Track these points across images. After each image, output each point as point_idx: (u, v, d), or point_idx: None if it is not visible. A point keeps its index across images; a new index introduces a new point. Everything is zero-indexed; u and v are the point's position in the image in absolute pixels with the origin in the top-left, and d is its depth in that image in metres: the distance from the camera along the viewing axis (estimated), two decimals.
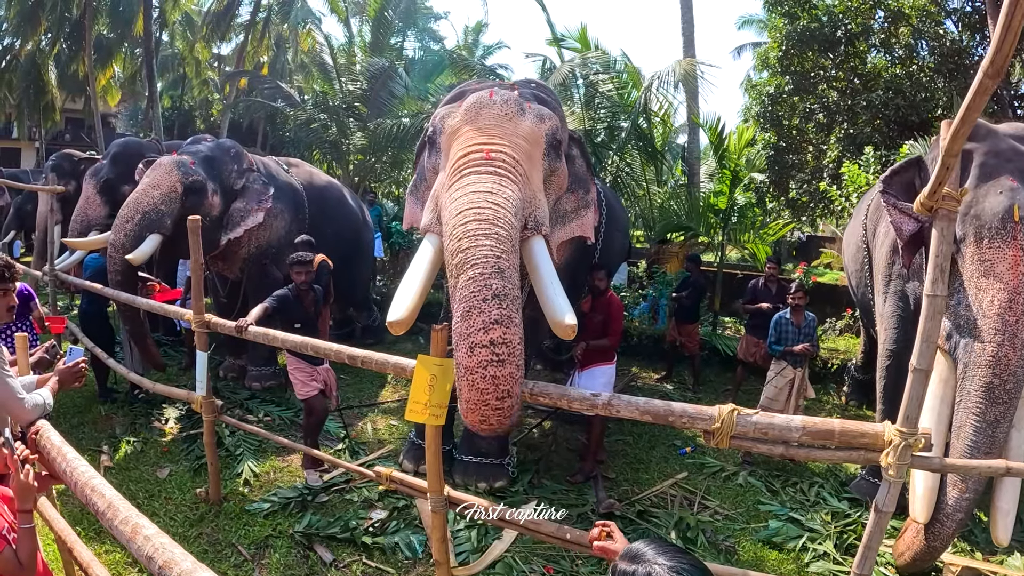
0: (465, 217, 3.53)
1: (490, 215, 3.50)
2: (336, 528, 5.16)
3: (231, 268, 8.43)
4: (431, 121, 4.81)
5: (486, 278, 3.27)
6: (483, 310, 3.21)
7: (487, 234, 3.40)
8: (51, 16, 25.39)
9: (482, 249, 3.36)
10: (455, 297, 3.41)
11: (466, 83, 5.42)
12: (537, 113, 4.44)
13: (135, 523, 2.29)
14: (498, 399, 3.18)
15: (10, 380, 3.21)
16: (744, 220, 12.39)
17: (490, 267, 3.31)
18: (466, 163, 3.94)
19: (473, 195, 3.64)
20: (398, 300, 3.77)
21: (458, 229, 3.50)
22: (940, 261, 2.71)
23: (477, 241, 3.39)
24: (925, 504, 4.07)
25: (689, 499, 6.05)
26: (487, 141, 4.08)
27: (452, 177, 3.94)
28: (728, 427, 2.93)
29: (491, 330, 3.19)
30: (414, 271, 3.99)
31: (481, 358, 3.18)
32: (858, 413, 8.62)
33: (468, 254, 3.36)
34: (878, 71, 16.34)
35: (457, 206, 3.64)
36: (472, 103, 4.38)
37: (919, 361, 2.77)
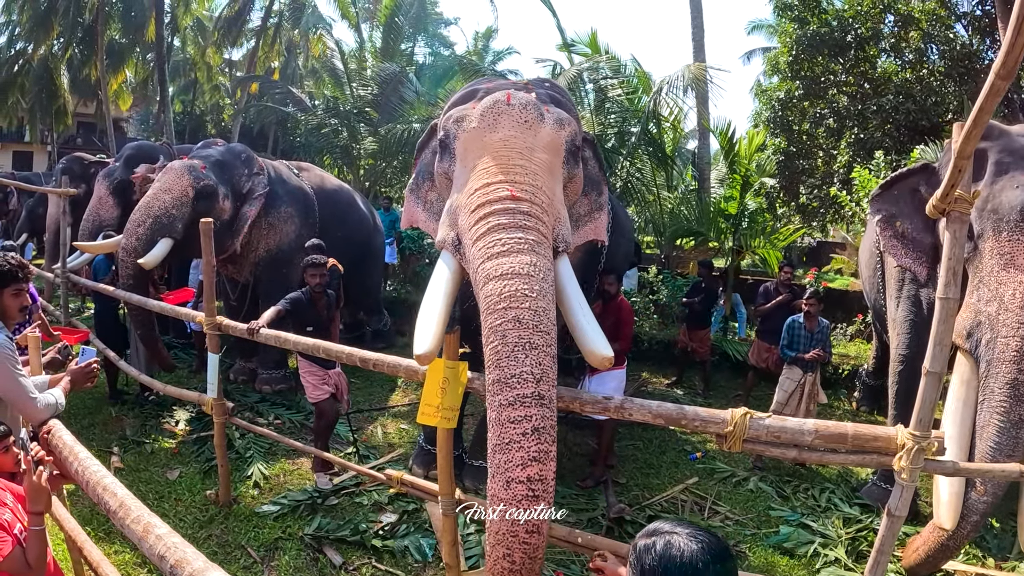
0: (504, 316, 3.24)
1: (531, 321, 3.22)
2: (346, 531, 5.16)
3: (241, 271, 8.46)
4: (442, 123, 4.61)
5: (527, 407, 3.05)
6: (522, 445, 3.01)
7: (527, 351, 3.14)
8: (63, 21, 25.58)
9: (523, 370, 3.11)
10: (491, 403, 3.20)
11: (476, 81, 5.35)
12: (556, 119, 4.29)
13: (147, 522, 2.29)
14: (527, 532, 2.99)
15: (22, 380, 3.23)
16: (755, 225, 12.35)
17: (530, 395, 3.08)
18: (492, 210, 3.66)
19: (509, 284, 3.33)
20: (421, 331, 3.59)
21: (496, 336, 3.22)
22: (953, 264, 2.69)
23: (517, 359, 3.13)
24: (952, 510, 3.90)
25: (700, 504, 6.03)
26: (509, 168, 3.86)
27: (478, 222, 3.66)
28: (741, 430, 2.91)
29: (529, 467, 3.01)
30: (433, 297, 3.82)
31: (516, 492, 3.01)
32: (869, 419, 8.56)
33: (507, 374, 3.12)
34: (888, 75, 16.31)
35: (493, 289, 3.35)
36: (489, 107, 4.21)
37: (932, 364, 2.75)
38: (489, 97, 4.31)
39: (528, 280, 3.30)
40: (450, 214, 4.06)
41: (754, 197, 12.27)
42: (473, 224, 3.67)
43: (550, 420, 3.06)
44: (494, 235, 3.52)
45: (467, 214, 3.76)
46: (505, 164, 3.87)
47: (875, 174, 12.08)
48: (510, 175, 3.79)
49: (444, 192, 4.65)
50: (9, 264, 3.32)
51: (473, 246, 3.59)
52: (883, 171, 12.30)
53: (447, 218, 4.09)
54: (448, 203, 4.21)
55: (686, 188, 16.38)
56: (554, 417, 3.09)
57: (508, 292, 3.26)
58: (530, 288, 3.28)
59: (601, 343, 3.56)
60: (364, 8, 26.79)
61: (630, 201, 12.87)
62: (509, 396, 3.07)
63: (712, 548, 1.58)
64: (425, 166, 5.26)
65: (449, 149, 4.42)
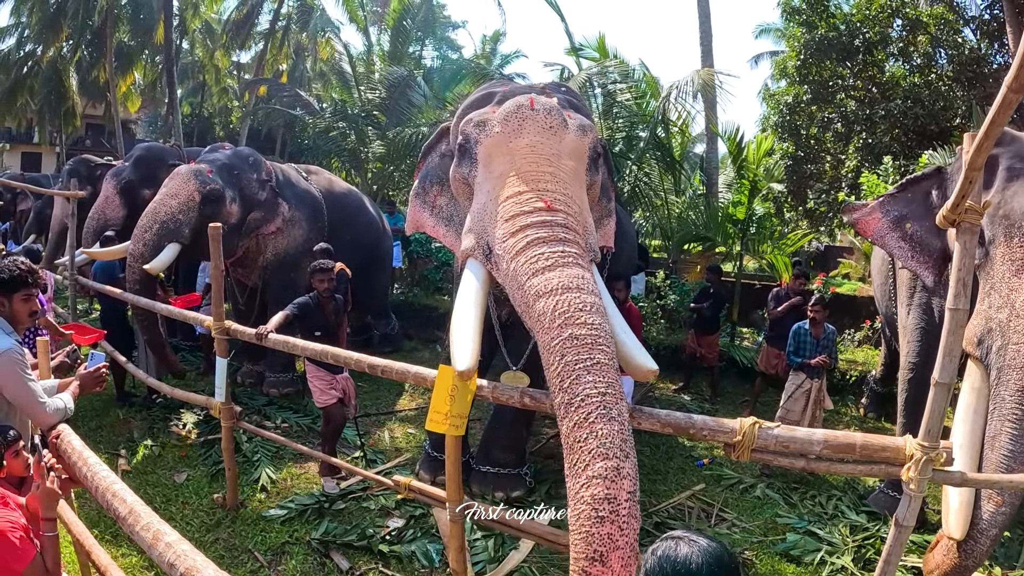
0: (561, 334, 3.11)
1: (588, 338, 3.09)
2: (353, 536, 5.16)
3: (249, 275, 8.48)
4: (460, 126, 4.48)
5: (592, 425, 2.89)
6: (588, 464, 2.82)
7: (589, 368, 3.01)
8: (72, 23, 25.69)
9: (586, 388, 2.96)
10: (560, 425, 3.03)
11: (489, 84, 5.29)
12: (579, 125, 4.24)
13: (156, 529, 2.30)
14: (588, 559, 2.73)
15: (31, 384, 3.24)
16: (763, 230, 12.33)
17: (595, 411, 2.92)
18: (529, 222, 3.57)
19: (561, 299, 3.21)
20: (459, 348, 3.47)
21: (556, 357, 3.09)
22: (963, 275, 2.69)
23: (580, 378, 2.99)
24: (960, 520, 3.82)
25: (707, 511, 6.01)
26: (539, 176, 3.79)
27: (515, 234, 3.57)
28: (749, 440, 2.91)
29: (593, 486, 2.80)
30: (465, 310, 3.73)
31: (582, 513, 2.77)
32: (876, 425, 8.55)
33: (572, 394, 2.97)
34: (896, 80, 16.30)
35: (545, 306, 3.23)
36: (512, 111, 4.13)
37: (941, 375, 2.74)
38: (511, 101, 4.23)
39: (579, 294, 3.22)
40: (477, 222, 3.98)
41: (762, 202, 12.25)
42: (509, 235, 3.58)
43: (619, 435, 2.91)
44: (535, 249, 3.43)
45: (501, 223, 3.68)
46: (534, 172, 3.81)
47: (884, 179, 12.07)
48: (541, 184, 3.73)
49: (460, 198, 4.60)
50: (19, 269, 3.33)
51: (513, 260, 3.49)
52: (892, 176, 12.29)
53: (473, 226, 4.01)
54: (473, 210, 4.13)
55: (694, 193, 16.36)
56: (626, 431, 2.97)
57: (561, 308, 3.16)
58: (582, 302, 3.19)
59: (643, 356, 3.50)
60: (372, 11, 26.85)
61: (638, 206, 12.85)
62: (575, 417, 2.92)
63: (714, 554, 1.58)
64: (432, 170, 5.21)
65: (470, 154, 4.32)
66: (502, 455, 6.04)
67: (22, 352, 3.28)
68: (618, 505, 2.74)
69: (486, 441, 6.24)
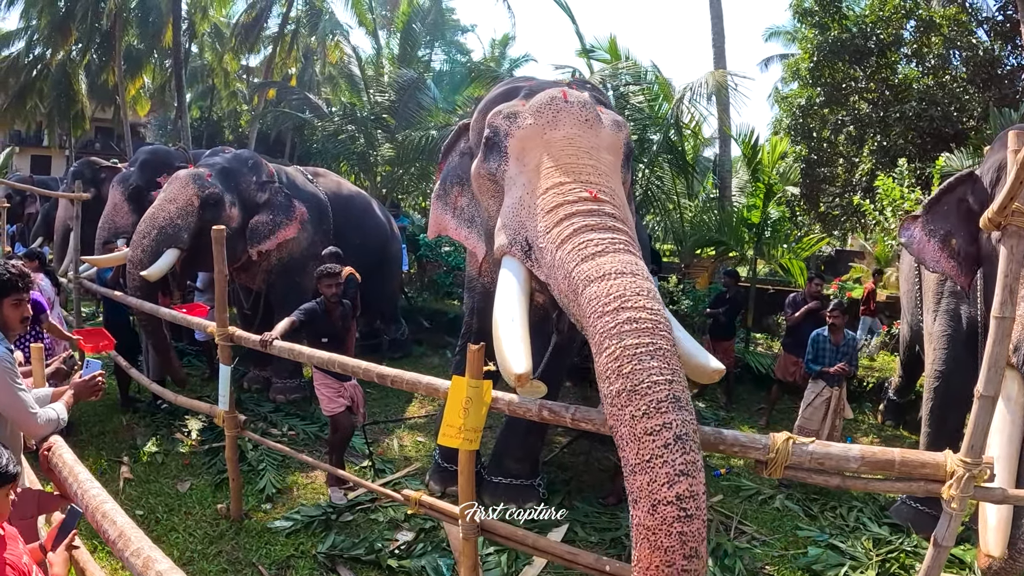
0: (617, 317, 2.93)
1: (649, 323, 2.90)
2: (361, 549, 5.01)
3: (253, 279, 8.36)
4: (488, 119, 4.32)
5: (663, 414, 2.69)
6: (665, 459, 2.64)
7: (652, 353, 2.81)
8: (81, 27, 25.72)
9: (652, 374, 2.77)
10: (619, 416, 2.81)
11: (513, 79, 5.14)
12: (614, 120, 4.10)
13: (147, 556, 2.15)
14: (685, 558, 2.62)
15: (22, 394, 3.09)
16: (777, 234, 12.17)
17: (666, 399, 2.72)
18: (574, 211, 3.43)
19: (616, 283, 3.04)
20: (511, 350, 3.30)
21: (613, 340, 2.89)
22: (1009, 281, 2.53)
23: (643, 363, 2.79)
24: (1000, 537, 3.56)
25: (725, 524, 5.84)
26: (579, 168, 3.64)
27: (560, 223, 3.42)
28: (783, 457, 2.76)
29: (677, 483, 2.63)
30: (509, 310, 3.55)
31: (666, 515, 2.63)
32: (895, 434, 8.39)
33: (635, 380, 2.77)
34: (910, 82, 16.14)
35: (597, 290, 3.05)
36: (546, 103, 3.98)
37: (986, 387, 2.59)
38: (543, 93, 4.09)
39: (635, 279, 3.05)
40: (512, 217, 3.83)
41: (776, 206, 12.08)
42: (553, 226, 3.42)
43: (692, 425, 2.73)
44: (584, 236, 3.27)
45: (542, 215, 3.53)
46: (574, 163, 3.66)
47: (899, 182, 11.88)
48: (583, 175, 3.58)
49: (484, 195, 4.44)
50: (9, 274, 3.19)
51: (559, 249, 3.32)
52: (907, 179, 12.10)
53: (508, 221, 3.85)
54: (506, 205, 3.98)
55: (707, 196, 16.22)
56: (694, 420, 2.78)
57: (616, 292, 2.98)
58: (639, 287, 3.01)
59: (705, 355, 3.34)
60: (381, 15, 26.84)
61: (650, 209, 12.71)
62: (641, 405, 2.72)
63: None
64: (452, 170, 5.08)
65: (498, 148, 4.16)
66: (515, 466, 5.89)
67: (12, 360, 3.13)
68: (700, 500, 2.64)
69: (499, 451, 6.10)
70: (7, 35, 29.29)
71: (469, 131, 4.97)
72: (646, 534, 2.65)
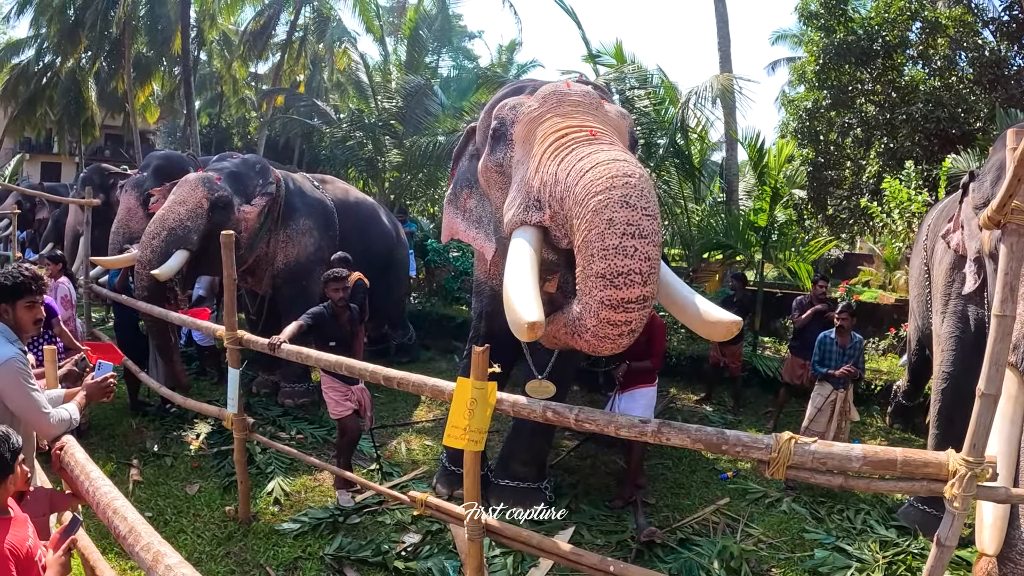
0: (610, 197, 3.11)
1: (639, 203, 3.10)
2: (368, 551, 5.03)
3: (260, 283, 8.42)
4: (494, 112, 4.41)
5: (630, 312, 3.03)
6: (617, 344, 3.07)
7: (635, 236, 3.06)
8: (91, 34, 25.90)
9: (631, 262, 3.03)
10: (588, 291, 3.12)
11: (519, 80, 5.22)
12: (617, 110, 4.20)
13: (157, 551, 2.19)
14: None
15: (35, 394, 3.14)
16: (784, 238, 12.15)
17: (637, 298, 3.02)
18: (570, 140, 3.56)
19: (604, 162, 3.22)
20: (522, 302, 3.29)
21: (600, 207, 3.09)
22: (1010, 279, 2.53)
23: (625, 248, 3.04)
24: (995, 535, 3.61)
25: (732, 526, 5.83)
26: (583, 124, 3.73)
27: (556, 152, 3.56)
28: (785, 457, 2.76)
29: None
30: (519, 269, 3.52)
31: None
32: (903, 436, 8.35)
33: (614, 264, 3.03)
34: (916, 83, 16.13)
35: (591, 177, 3.21)
36: (551, 91, 4.06)
37: (987, 386, 2.59)
38: (547, 85, 4.19)
39: (627, 164, 3.18)
40: (522, 189, 3.86)
41: (783, 209, 12.07)
42: (557, 158, 3.55)
43: (646, 318, 3.08)
44: (579, 149, 3.44)
45: (548, 162, 3.61)
46: (579, 119, 3.79)
47: (906, 184, 11.87)
48: (586, 122, 3.72)
49: (492, 189, 4.49)
50: (23, 276, 3.24)
51: (558, 168, 3.48)
52: (914, 181, 12.09)
53: (518, 196, 3.88)
54: (513, 184, 4.03)
55: (714, 200, 16.20)
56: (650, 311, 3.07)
57: (609, 173, 3.12)
58: (631, 170, 3.14)
59: (719, 310, 3.33)
60: (388, 21, 26.93)
61: None
62: (613, 298, 2.94)
63: None
64: (462, 174, 5.13)
65: (505, 136, 4.24)
66: (521, 469, 5.90)
67: (26, 361, 3.18)
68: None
69: (505, 454, 6.11)
70: (17, 43, 29.56)
71: (476, 134, 5.03)
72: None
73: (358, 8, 26.04)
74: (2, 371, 3.07)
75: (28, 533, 2.58)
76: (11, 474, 2.54)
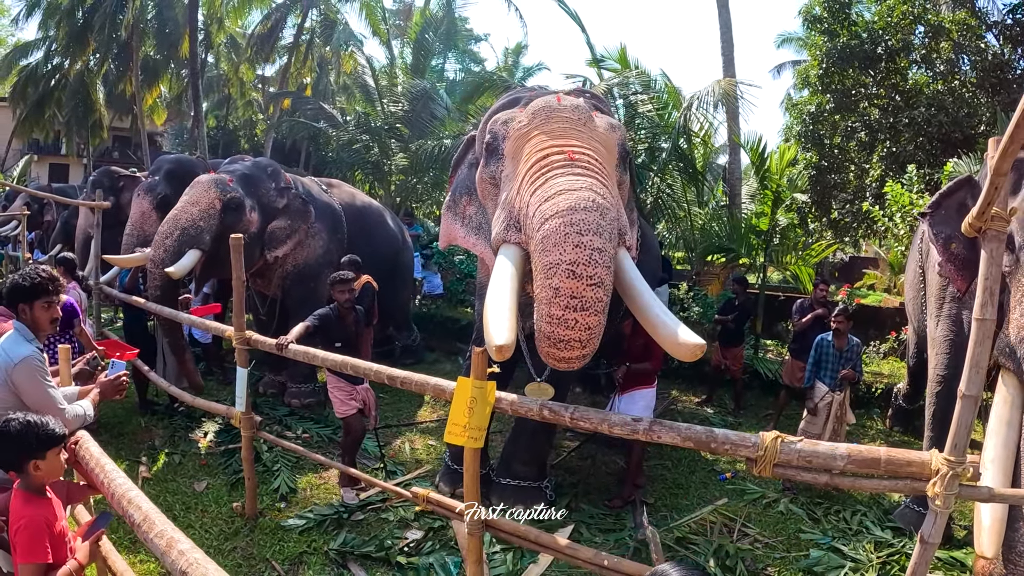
0: (561, 216, 3.39)
1: (594, 215, 3.40)
2: (371, 547, 5.13)
3: (269, 285, 8.52)
4: (488, 127, 4.55)
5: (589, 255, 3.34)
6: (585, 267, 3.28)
7: (595, 230, 3.34)
8: (99, 37, 26.05)
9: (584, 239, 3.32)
10: (541, 289, 3.39)
11: (516, 90, 5.31)
12: (608, 123, 4.27)
13: (170, 537, 2.29)
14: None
15: (52, 391, 3.26)
16: (786, 241, 12.21)
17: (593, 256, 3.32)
18: (548, 164, 3.73)
19: (568, 193, 3.45)
20: (495, 324, 3.47)
21: (552, 226, 3.38)
22: (990, 284, 2.61)
23: (583, 240, 3.34)
24: (993, 537, 3.58)
25: (729, 526, 5.92)
26: (565, 144, 3.88)
27: (534, 178, 3.73)
28: (771, 455, 2.85)
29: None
30: (499, 290, 3.70)
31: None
32: (902, 439, 8.41)
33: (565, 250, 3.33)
34: (919, 87, 16.13)
35: (551, 205, 3.46)
36: (541, 107, 4.17)
37: (968, 387, 2.67)
38: (538, 99, 4.29)
39: (589, 191, 3.49)
40: (506, 206, 4.01)
41: (785, 213, 12.11)
42: (533, 186, 3.70)
43: (608, 291, 3.36)
44: (553, 179, 3.57)
45: (526, 187, 3.77)
46: (561, 139, 3.91)
47: (908, 188, 11.92)
48: (568, 147, 3.82)
49: (488, 200, 4.60)
50: (40, 277, 3.36)
51: (530, 202, 3.64)
52: (916, 185, 12.14)
53: (502, 213, 4.03)
54: (501, 200, 4.16)
55: (716, 204, 16.26)
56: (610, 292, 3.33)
57: (567, 191, 3.44)
58: (590, 190, 3.47)
59: (687, 332, 3.43)
60: (395, 25, 27.06)
61: (660, 217, 12.78)
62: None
63: None
64: (461, 181, 5.22)
65: (497, 151, 4.36)
66: (522, 468, 5.99)
67: (43, 359, 3.31)
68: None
69: (507, 454, 6.20)
70: (26, 45, 29.78)
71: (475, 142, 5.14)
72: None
73: (364, 12, 26.19)
74: (20, 368, 3.20)
75: (62, 515, 2.75)
76: (38, 458, 2.69)
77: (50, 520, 2.68)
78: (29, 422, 2.72)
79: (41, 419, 2.76)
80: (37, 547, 2.59)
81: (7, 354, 3.24)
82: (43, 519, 2.65)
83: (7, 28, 33.47)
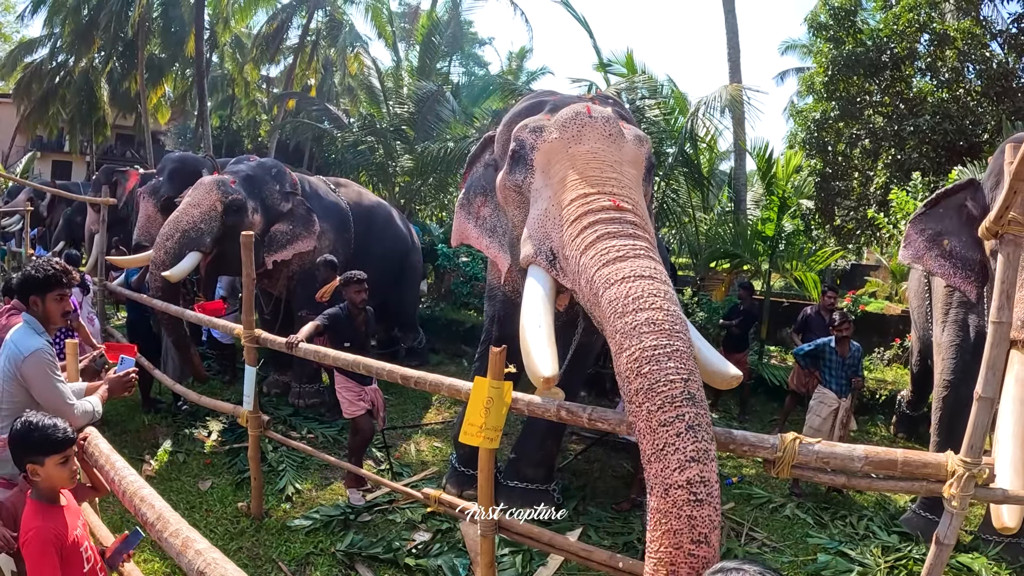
0: (636, 319, 3.06)
1: (666, 324, 3.04)
2: (379, 548, 5.11)
3: (275, 285, 8.50)
4: (514, 133, 4.48)
5: (677, 408, 2.82)
6: (677, 447, 2.76)
7: (670, 354, 2.94)
8: (105, 35, 26.10)
9: (668, 373, 2.89)
10: (637, 413, 2.94)
11: (537, 93, 5.26)
12: (636, 135, 4.24)
13: (186, 536, 2.26)
14: (693, 542, 2.69)
15: (60, 386, 3.24)
16: (791, 247, 12.20)
17: (680, 395, 2.85)
18: (597, 219, 3.56)
19: (635, 285, 3.18)
20: (539, 355, 3.44)
21: (632, 341, 3.02)
22: (1006, 287, 2.61)
23: (660, 363, 2.92)
24: (1016, 510, 3.17)
25: (736, 530, 5.91)
26: (603, 180, 3.78)
27: (583, 231, 3.57)
28: (790, 456, 2.85)
29: (688, 469, 2.73)
30: (535, 317, 3.69)
31: (677, 498, 2.73)
32: (907, 445, 8.38)
33: (652, 379, 2.90)
34: (924, 95, 16.13)
35: (617, 292, 3.19)
36: (571, 118, 4.13)
37: (984, 389, 2.65)
38: (568, 108, 4.24)
39: (653, 282, 3.18)
40: (538, 228, 3.98)
41: (791, 219, 12.12)
42: (577, 234, 3.57)
43: (704, 418, 2.85)
44: (606, 242, 3.42)
45: (567, 225, 3.68)
46: (598, 176, 3.81)
47: (913, 195, 11.91)
48: (606, 187, 3.73)
49: (509, 206, 4.58)
50: (53, 269, 3.35)
51: (582, 256, 3.48)
52: (920, 192, 12.12)
53: (533, 232, 4.01)
54: (532, 216, 4.13)
55: (722, 210, 16.25)
56: (708, 416, 2.89)
57: (635, 294, 3.12)
58: (657, 289, 3.15)
59: (723, 362, 3.46)
60: (401, 27, 27.06)
61: (666, 222, 12.77)
62: (657, 400, 2.85)
63: None
64: (476, 180, 5.19)
65: (524, 160, 4.32)
66: (531, 471, 5.96)
67: (53, 352, 3.29)
68: (713, 487, 2.73)
69: (515, 457, 6.17)
70: (31, 42, 29.79)
71: (494, 143, 5.10)
72: (658, 518, 2.74)
73: (370, 13, 26.25)
74: (30, 361, 3.18)
75: (77, 523, 2.70)
76: (36, 463, 2.67)
77: (60, 532, 2.64)
78: (31, 424, 2.68)
79: (44, 423, 2.71)
80: (45, 563, 2.56)
81: (17, 347, 3.23)
82: (51, 532, 2.61)
83: (12, 24, 33.49)
